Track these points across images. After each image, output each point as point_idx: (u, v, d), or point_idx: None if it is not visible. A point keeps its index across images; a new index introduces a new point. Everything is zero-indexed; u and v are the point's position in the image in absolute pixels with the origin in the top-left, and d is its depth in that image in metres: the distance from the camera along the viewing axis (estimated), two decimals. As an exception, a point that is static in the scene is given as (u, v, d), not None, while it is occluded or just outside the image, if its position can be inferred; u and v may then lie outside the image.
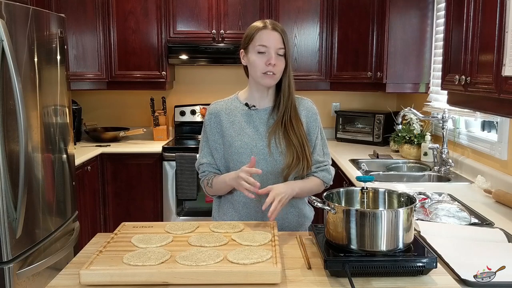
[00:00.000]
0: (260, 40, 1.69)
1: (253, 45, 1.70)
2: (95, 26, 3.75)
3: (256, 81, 1.74)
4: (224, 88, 4.19)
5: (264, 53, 1.68)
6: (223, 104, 1.82)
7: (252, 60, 1.71)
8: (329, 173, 1.80)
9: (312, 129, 1.79)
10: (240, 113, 1.78)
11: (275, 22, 1.75)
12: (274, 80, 1.71)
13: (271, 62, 1.66)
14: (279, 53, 1.69)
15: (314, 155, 1.78)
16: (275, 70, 1.68)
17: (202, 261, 1.25)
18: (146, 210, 3.73)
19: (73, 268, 1.31)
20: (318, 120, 1.81)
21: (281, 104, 1.74)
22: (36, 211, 2.34)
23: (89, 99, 4.21)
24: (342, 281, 1.23)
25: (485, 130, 2.76)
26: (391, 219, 1.27)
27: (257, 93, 1.78)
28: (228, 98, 1.85)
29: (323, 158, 1.80)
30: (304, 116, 1.78)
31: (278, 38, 1.68)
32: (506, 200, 2.08)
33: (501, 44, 1.65)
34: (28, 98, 2.27)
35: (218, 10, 3.81)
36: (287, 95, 1.73)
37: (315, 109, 1.83)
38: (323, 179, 1.78)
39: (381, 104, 4.24)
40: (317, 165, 1.78)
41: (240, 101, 1.81)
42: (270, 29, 1.69)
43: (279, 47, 1.68)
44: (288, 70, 1.72)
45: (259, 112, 1.77)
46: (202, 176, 1.83)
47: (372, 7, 3.59)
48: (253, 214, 1.75)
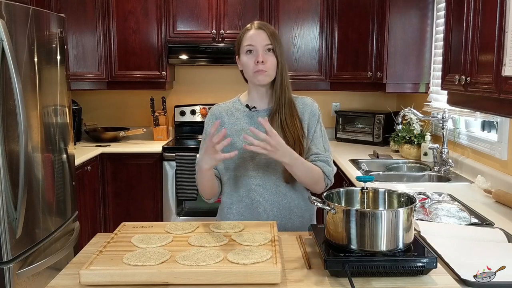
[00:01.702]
0: (246, 40, 1.71)
1: (242, 47, 1.73)
2: (95, 26, 3.75)
3: (251, 82, 1.75)
4: (224, 88, 4.22)
5: (252, 52, 1.70)
6: (224, 106, 1.84)
7: (243, 62, 1.73)
8: (329, 165, 1.74)
9: (312, 124, 1.77)
10: (242, 115, 1.79)
11: (264, 22, 1.76)
12: (266, 76, 1.70)
13: (259, 60, 1.67)
14: (267, 49, 1.69)
15: (313, 148, 1.74)
16: (265, 67, 1.68)
17: (202, 261, 1.25)
18: (146, 210, 3.73)
19: (73, 268, 1.31)
20: (318, 116, 1.79)
21: (274, 101, 1.74)
22: (36, 211, 2.34)
23: (89, 99, 4.21)
24: (342, 281, 1.23)
25: (485, 130, 2.76)
26: (391, 219, 1.26)
27: (256, 94, 1.79)
28: (230, 101, 1.86)
29: (324, 152, 1.75)
30: (306, 113, 1.77)
31: (263, 35, 1.69)
32: (506, 200, 2.08)
33: (501, 44, 1.65)
34: (28, 98, 2.27)
35: (218, 10, 3.81)
36: (279, 91, 1.72)
37: (316, 106, 1.82)
38: (323, 169, 1.71)
39: (381, 104, 4.24)
40: (317, 156, 1.73)
41: (242, 103, 1.82)
42: (255, 28, 1.71)
43: (265, 43, 1.69)
44: (280, 66, 1.71)
45: (260, 113, 1.77)
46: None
47: (372, 7, 3.59)
48: (255, 215, 1.74)
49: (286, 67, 1.75)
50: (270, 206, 1.74)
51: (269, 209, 1.74)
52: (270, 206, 1.74)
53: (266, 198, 1.74)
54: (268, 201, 1.73)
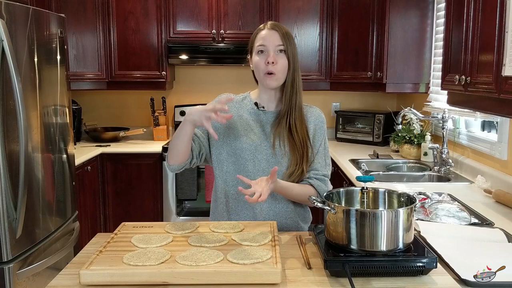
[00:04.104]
0: (259, 40, 1.70)
1: (254, 47, 1.73)
2: (95, 26, 3.75)
3: (261, 83, 1.74)
4: (224, 88, 4.20)
5: (264, 52, 1.69)
6: (233, 98, 1.80)
7: (255, 62, 1.72)
8: (326, 185, 1.73)
9: (318, 136, 1.76)
10: (249, 111, 1.78)
11: (278, 23, 1.74)
12: (275, 80, 1.69)
13: (269, 60, 1.66)
14: (279, 50, 1.68)
15: (315, 163, 1.74)
16: (274, 69, 1.67)
17: (202, 261, 1.25)
18: (146, 210, 3.73)
19: (73, 268, 1.31)
20: (324, 129, 1.79)
21: (284, 103, 1.72)
22: (36, 211, 2.34)
23: (89, 99, 4.21)
24: (342, 281, 1.23)
25: (485, 130, 2.76)
26: (391, 219, 1.27)
27: (265, 95, 1.78)
28: (240, 95, 1.85)
29: (324, 168, 1.75)
30: (312, 123, 1.76)
31: (276, 36, 1.68)
32: (506, 200, 2.08)
33: (501, 44, 1.65)
34: (28, 98, 2.27)
35: (218, 10, 3.81)
36: (289, 93, 1.71)
37: (323, 117, 1.81)
38: (317, 189, 1.70)
39: (381, 104, 4.24)
40: (316, 172, 1.73)
41: (251, 100, 1.80)
42: (268, 28, 1.71)
43: (277, 44, 1.68)
44: (292, 68, 1.70)
45: (267, 114, 1.76)
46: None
47: (372, 7, 3.59)
48: (251, 218, 1.73)
49: (298, 69, 1.73)
50: (267, 209, 1.72)
51: (266, 212, 1.72)
52: (267, 209, 1.72)
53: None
54: (265, 204, 1.71)
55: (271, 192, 1.60)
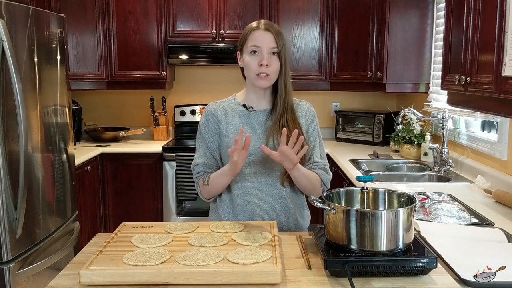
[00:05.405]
0: (252, 40, 1.68)
1: (246, 46, 1.70)
2: (95, 26, 3.75)
3: (251, 83, 1.73)
4: (224, 88, 4.19)
5: (257, 53, 1.68)
6: (220, 105, 1.80)
7: (246, 61, 1.70)
8: (327, 173, 1.77)
9: (311, 131, 1.77)
10: (238, 114, 1.77)
11: (270, 22, 1.73)
12: (268, 81, 1.69)
13: (263, 63, 1.65)
14: (273, 53, 1.67)
15: (313, 157, 1.76)
16: (268, 71, 1.66)
17: (202, 261, 1.25)
18: (146, 210, 3.73)
19: (73, 268, 1.31)
20: (317, 123, 1.80)
21: (278, 106, 1.72)
22: (36, 211, 2.34)
23: (89, 99, 4.21)
24: (342, 281, 1.23)
25: (485, 130, 2.76)
26: (391, 219, 1.26)
27: (254, 94, 1.77)
28: (225, 100, 1.83)
29: (321, 160, 1.78)
30: (303, 118, 1.77)
31: (270, 38, 1.67)
32: (506, 200, 2.08)
33: (501, 44, 1.65)
34: (28, 98, 2.27)
35: (218, 10, 3.81)
36: (283, 96, 1.72)
37: (314, 111, 1.82)
38: (321, 177, 1.74)
39: (381, 104, 4.24)
40: (316, 164, 1.76)
41: (238, 102, 1.79)
42: (262, 29, 1.69)
43: (271, 46, 1.67)
44: (283, 70, 1.70)
45: (257, 113, 1.76)
46: (197, 176, 1.79)
47: (372, 7, 3.59)
48: (250, 218, 1.73)
49: (289, 71, 1.73)
50: (266, 209, 1.72)
51: (266, 211, 1.72)
52: (266, 209, 1.72)
53: (263, 201, 1.72)
54: (264, 204, 1.72)
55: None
